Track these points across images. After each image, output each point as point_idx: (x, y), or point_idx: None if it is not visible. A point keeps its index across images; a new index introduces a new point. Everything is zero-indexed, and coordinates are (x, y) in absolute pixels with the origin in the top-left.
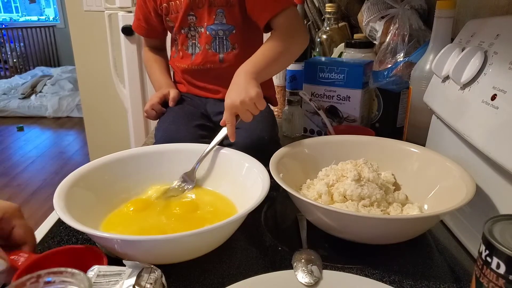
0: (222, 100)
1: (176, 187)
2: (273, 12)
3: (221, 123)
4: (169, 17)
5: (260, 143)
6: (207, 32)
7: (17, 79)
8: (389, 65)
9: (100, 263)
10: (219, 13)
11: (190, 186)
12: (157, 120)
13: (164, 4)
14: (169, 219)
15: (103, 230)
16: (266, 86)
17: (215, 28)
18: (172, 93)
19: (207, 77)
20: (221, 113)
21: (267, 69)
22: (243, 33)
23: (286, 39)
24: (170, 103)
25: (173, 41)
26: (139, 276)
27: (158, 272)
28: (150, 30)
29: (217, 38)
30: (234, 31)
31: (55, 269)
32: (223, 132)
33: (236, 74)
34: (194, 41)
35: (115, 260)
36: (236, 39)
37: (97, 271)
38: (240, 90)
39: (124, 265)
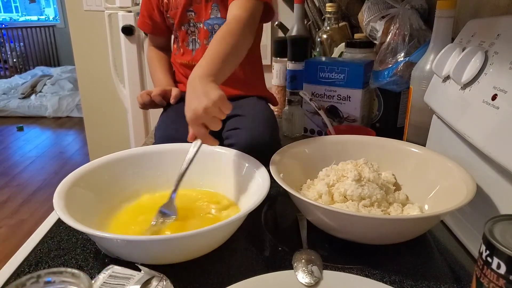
0: None
1: (157, 222)
2: None
3: (188, 138)
4: (169, 13)
5: (261, 143)
6: (205, 27)
7: (17, 79)
8: (390, 65)
9: None
10: (214, 7)
11: (173, 217)
12: (158, 120)
13: (165, 1)
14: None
15: (103, 230)
16: (263, 87)
17: (211, 22)
18: (175, 91)
19: None
20: None
21: (222, 69)
22: None
23: (235, 32)
24: (172, 100)
25: (175, 38)
26: (146, 284)
27: (167, 282)
28: (154, 27)
29: (213, 32)
30: None
31: (55, 269)
32: (194, 148)
33: (190, 81)
34: (194, 37)
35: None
36: None
37: (111, 271)
38: (200, 96)
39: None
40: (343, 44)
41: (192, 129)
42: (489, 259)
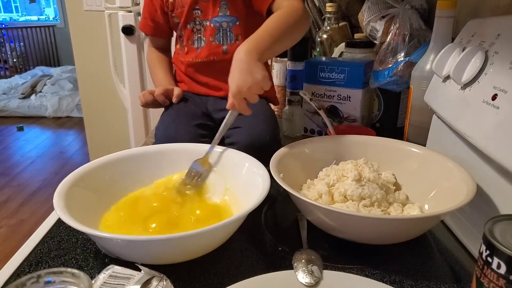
0: (224, 98)
1: (191, 175)
2: None
3: (227, 106)
4: (175, 12)
5: (261, 142)
6: (212, 25)
7: (17, 79)
8: (390, 65)
9: None
10: (223, 5)
11: (205, 171)
12: (158, 120)
13: (170, 0)
14: (169, 220)
15: (103, 230)
16: None
17: (219, 20)
18: (177, 90)
19: (211, 71)
20: (222, 110)
21: (271, 48)
22: (246, 24)
23: (288, 17)
24: (174, 99)
25: (178, 38)
26: (146, 284)
27: (167, 282)
28: (156, 29)
29: (221, 30)
30: (237, 23)
31: (55, 269)
32: (231, 116)
33: (237, 54)
34: (199, 35)
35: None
36: (239, 31)
37: (111, 271)
38: (246, 74)
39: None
40: (343, 44)
41: (232, 100)
42: (489, 259)
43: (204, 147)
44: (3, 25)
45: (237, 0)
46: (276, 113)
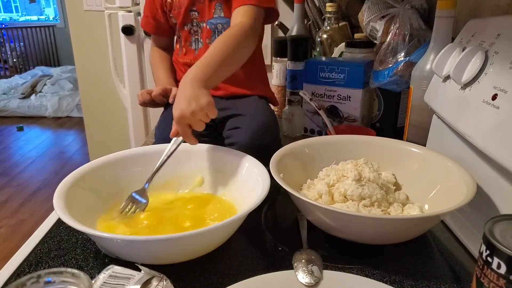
0: (223, 97)
1: (127, 210)
2: (242, 2)
3: (171, 135)
4: (173, 13)
5: (261, 142)
6: (208, 27)
7: (17, 79)
8: (390, 65)
9: None
10: (218, 7)
11: (144, 202)
12: (158, 120)
13: (168, 0)
14: (169, 219)
15: (102, 230)
16: (264, 87)
17: (214, 22)
18: (174, 91)
19: None
20: (222, 110)
21: (216, 73)
22: None
23: (233, 40)
24: (170, 100)
25: (177, 38)
26: (146, 284)
27: (167, 282)
28: (158, 27)
29: (216, 31)
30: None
31: (55, 269)
32: (174, 145)
33: (182, 81)
34: (197, 37)
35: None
36: None
37: (111, 271)
38: (190, 100)
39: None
40: (343, 44)
41: (176, 127)
42: (489, 259)
43: (203, 147)
44: (3, 25)
45: (230, 1)
46: (276, 113)
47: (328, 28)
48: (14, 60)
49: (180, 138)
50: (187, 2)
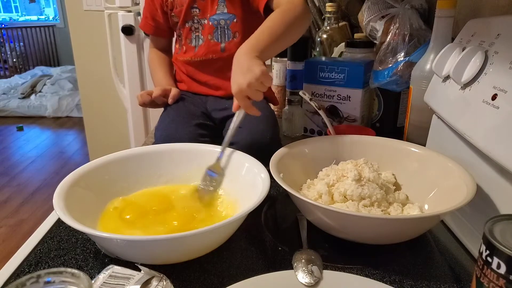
0: (223, 97)
1: (205, 184)
2: None
3: (233, 109)
4: (174, 11)
5: (261, 142)
6: (210, 23)
7: (16, 79)
8: (390, 65)
9: None
10: (221, 3)
11: (215, 176)
12: (158, 120)
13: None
14: (168, 220)
15: (102, 230)
16: None
17: (217, 18)
18: (173, 91)
19: (209, 70)
20: (222, 110)
21: (270, 47)
22: (243, 21)
23: (288, 15)
24: (169, 101)
25: (177, 37)
26: (146, 284)
27: (167, 282)
28: (157, 28)
29: (218, 27)
30: (235, 20)
31: (55, 269)
32: (238, 117)
33: (237, 54)
34: (197, 34)
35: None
36: (237, 28)
37: (111, 271)
38: (244, 71)
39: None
40: (343, 44)
41: (236, 100)
42: (489, 259)
43: (204, 147)
44: (3, 25)
45: None
46: (276, 113)
47: (328, 28)
48: (14, 60)
49: (243, 111)
50: (188, 0)
